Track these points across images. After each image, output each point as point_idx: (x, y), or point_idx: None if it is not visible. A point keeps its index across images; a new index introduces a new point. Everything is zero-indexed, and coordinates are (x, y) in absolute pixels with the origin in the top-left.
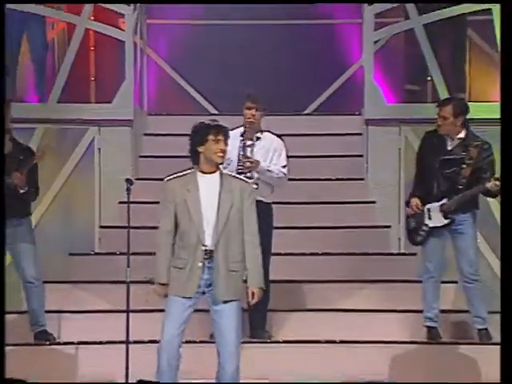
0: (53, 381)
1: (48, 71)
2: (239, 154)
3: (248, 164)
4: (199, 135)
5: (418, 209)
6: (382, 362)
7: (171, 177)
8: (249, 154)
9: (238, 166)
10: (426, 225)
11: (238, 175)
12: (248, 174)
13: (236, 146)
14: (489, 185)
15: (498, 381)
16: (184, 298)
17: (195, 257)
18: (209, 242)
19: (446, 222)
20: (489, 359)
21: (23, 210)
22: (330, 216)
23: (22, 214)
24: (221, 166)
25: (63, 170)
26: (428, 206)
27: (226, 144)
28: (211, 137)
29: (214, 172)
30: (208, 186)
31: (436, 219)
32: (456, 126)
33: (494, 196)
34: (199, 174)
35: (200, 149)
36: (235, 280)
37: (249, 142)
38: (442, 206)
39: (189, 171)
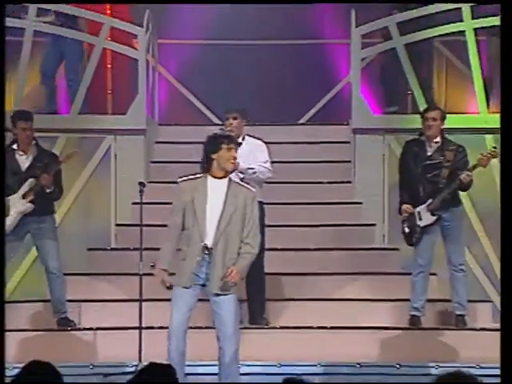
0: (74, 362)
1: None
2: None
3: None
4: (213, 144)
5: (409, 212)
6: (369, 345)
7: (183, 178)
8: None
9: None
10: (419, 225)
11: (244, 183)
12: (232, 175)
13: None
14: (462, 176)
15: (473, 360)
16: (185, 288)
17: (194, 252)
18: (209, 239)
19: (434, 218)
20: (464, 343)
21: (48, 208)
22: (321, 215)
23: (46, 212)
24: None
25: (83, 174)
26: (417, 208)
27: (236, 152)
28: (224, 145)
29: (223, 177)
30: (216, 189)
31: (425, 218)
32: (439, 129)
33: (467, 188)
34: (210, 178)
35: (214, 156)
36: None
37: None
38: (428, 205)
39: (201, 174)
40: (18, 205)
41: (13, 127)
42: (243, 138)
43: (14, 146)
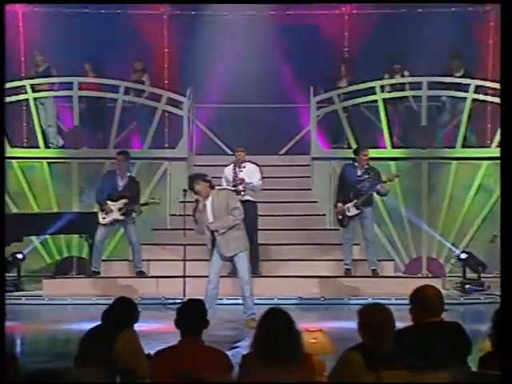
0: (144, 296)
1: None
2: (233, 177)
3: (238, 182)
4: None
5: (341, 208)
6: (321, 287)
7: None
8: (238, 176)
9: (232, 183)
10: (347, 215)
11: (224, 187)
12: (240, 187)
13: (231, 172)
14: (378, 186)
15: (382, 295)
16: (215, 255)
17: (209, 233)
18: (213, 225)
19: (358, 211)
20: (376, 286)
21: (130, 212)
22: (293, 209)
23: (129, 214)
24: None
25: (150, 184)
26: (347, 205)
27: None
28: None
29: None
30: (209, 199)
31: (352, 211)
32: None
33: (384, 195)
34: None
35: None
36: (241, 239)
37: (238, 169)
38: (355, 203)
39: None
40: (115, 214)
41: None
42: (245, 163)
43: (117, 171)
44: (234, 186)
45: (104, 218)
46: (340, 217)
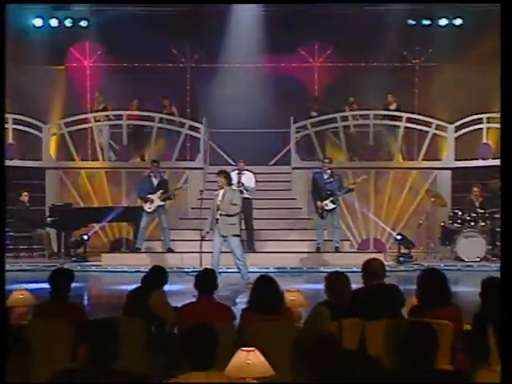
0: (173, 267)
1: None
2: (237, 181)
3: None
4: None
5: (321, 206)
6: (298, 259)
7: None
8: (240, 180)
9: (236, 185)
10: (326, 210)
11: (234, 188)
12: (241, 188)
13: (235, 177)
14: (350, 186)
15: (342, 265)
16: (216, 238)
17: (216, 219)
18: (221, 205)
19: (334, 206)
20: (338, 259)
21: (164, 202)
22: (279, 204)
23: (163, 204)
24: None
25: (176, 187)
26: (325, 202)
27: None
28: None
29: (222, 188)
30: (221, 192)
31: (330, 206)
32: (330, 167)
33: (351, 191)
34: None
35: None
36: (234, 227)
37: (240, 175)
38: (331, 199)
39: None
40: (157, 201)
41: (152, 165)
42: (244, 171)
43: (151, 174)
44: (238, 187)
45: (149, 208)
46: (320, 211)
